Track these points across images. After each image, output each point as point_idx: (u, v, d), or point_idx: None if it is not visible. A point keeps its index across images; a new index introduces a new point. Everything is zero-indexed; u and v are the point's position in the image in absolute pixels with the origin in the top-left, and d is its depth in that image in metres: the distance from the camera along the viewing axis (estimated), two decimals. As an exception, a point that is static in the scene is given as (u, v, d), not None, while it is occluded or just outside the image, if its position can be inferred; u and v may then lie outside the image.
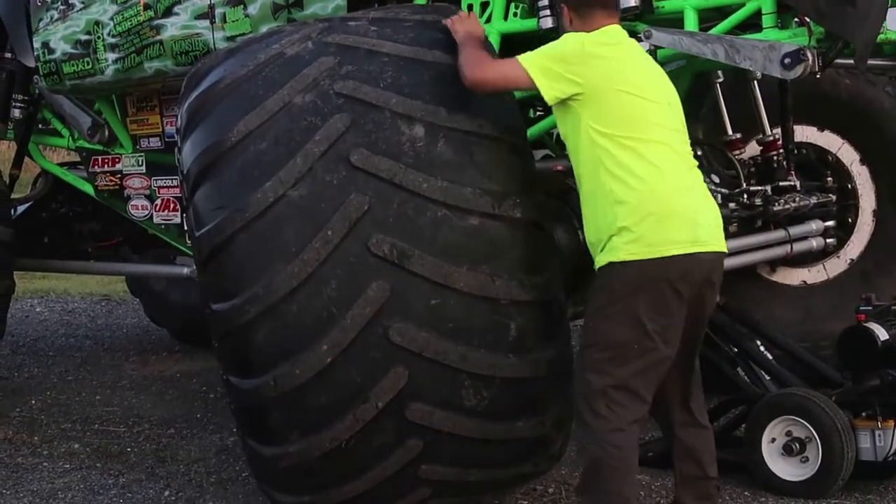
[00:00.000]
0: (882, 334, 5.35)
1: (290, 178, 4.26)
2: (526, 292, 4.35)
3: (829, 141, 6.73)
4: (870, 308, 5.51)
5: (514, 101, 4.94)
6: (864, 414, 5.23)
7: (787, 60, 5.05)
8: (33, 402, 7.75)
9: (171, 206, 7.29)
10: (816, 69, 5.09)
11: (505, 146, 4.49)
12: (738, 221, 6.05)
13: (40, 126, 8.12)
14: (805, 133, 6.71)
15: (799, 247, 6.34)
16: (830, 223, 6.51)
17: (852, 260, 6.69)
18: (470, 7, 6.11)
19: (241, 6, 6.31)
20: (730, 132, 6.58)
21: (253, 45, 4.79)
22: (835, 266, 6.69)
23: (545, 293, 4.43)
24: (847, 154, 6.67)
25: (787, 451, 5.22)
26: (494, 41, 5.61)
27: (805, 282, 6.76)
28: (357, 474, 4.38)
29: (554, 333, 4.49)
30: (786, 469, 5.23)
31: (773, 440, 5.25)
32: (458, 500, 4.84)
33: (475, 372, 4.28)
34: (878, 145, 6.63)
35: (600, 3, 4.66)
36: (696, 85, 6.66)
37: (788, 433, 5.21)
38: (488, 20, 5.81)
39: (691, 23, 5.52)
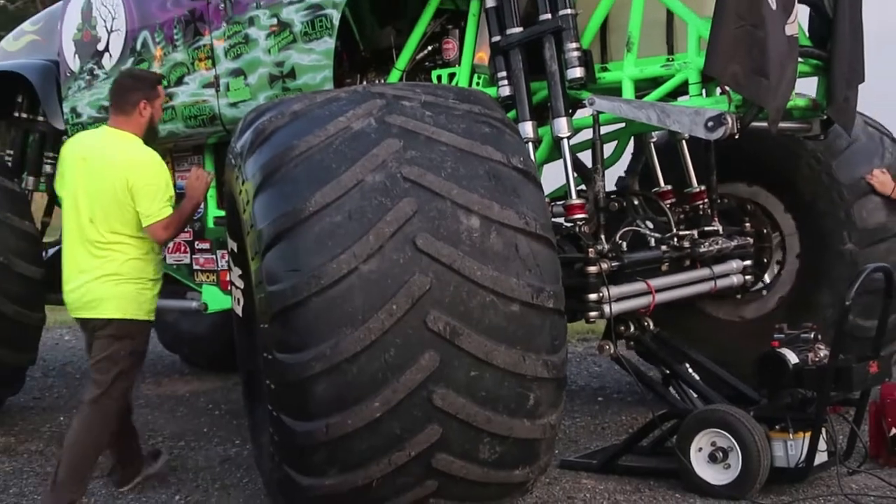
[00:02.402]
0: (793, 358, 5.35)
1: (362, 253, 4.17)
2: (547, 371, 4.36)
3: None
4: (782, 336, 5.53)
5: (547, 201, 4.94)
6: (777, 427, 5.23)
7: (710, 123, 5.09)
8: (62, 418, 7.68)
9: (182, 248, 7.29)
10: (735, 131, 5.13)
11: (543, 243, 4.45)
12: (669, 261, 6.04)
13: (69, 179, 8.12)
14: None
15: (722, 283, 6.34)
16: (748, 262, 6.51)
17: (782, 297, 6.64)
18: (439, 78, 6.18)
19: (243, 76, 6.35)
20: (662, 184, 6.59)
21: (317, 112, 4.61)
22: (767, 303, 6.68)
23: (560, 371, 4.45)
24: (773, 203, 6.67)
25: (712, 459, 5.21)
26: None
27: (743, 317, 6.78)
28: (374, 456, 4.31)
29: (558, 402, 4.51)
30: (711, 474, 5.21)
31: (700, 449, 5.24)
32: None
33: (495, 432, 4.31)
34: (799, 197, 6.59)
35: None
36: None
37: (713, 443, 5.21)
38: (456, 88, 5.82)
39: (628, 91, 5.57)
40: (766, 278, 6.69)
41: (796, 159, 6.45)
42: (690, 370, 5.92)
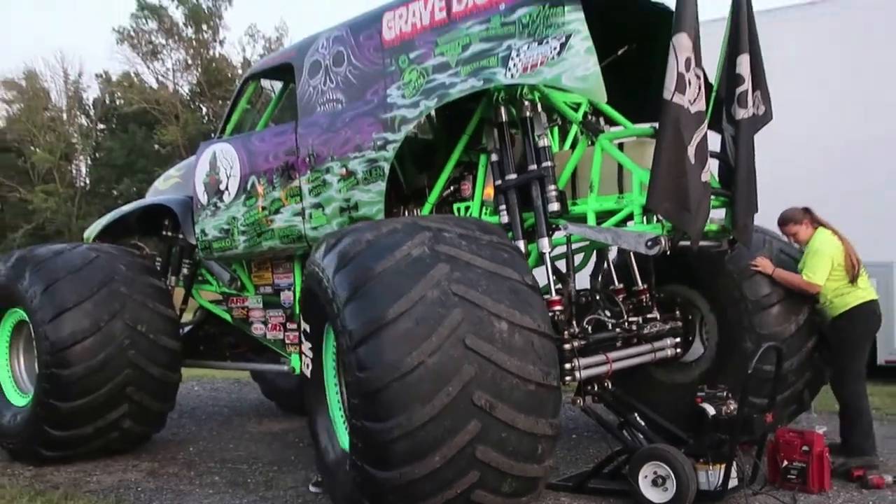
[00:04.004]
0: (711, 410, 5.33)
1: (428, 349, 4.20)
2: (551, 429, 4.46)
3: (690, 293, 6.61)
4: (703, 394, 5.50)
5: (548, 309, 4.98)
6: (701, 460, 5.18)
7: (649, 243, 5.10)
8: (191, 448, 7.69)
9: (278, 328, 7.32)
10: (667, 249, 5.14)
11: (548, 339, 4.53)
12: (621, 340, 6.01)
13: (198, 278, 8.20)
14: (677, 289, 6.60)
15: (660, 355, 6.27)
16: (678, 339, 6.44)
17: (702, 372, 6.44)
18: (458, 210, 6.24)
19: (322, 208, 6.42)
20: (616, 283, 6.57)
21: (384, 241, 4.61)
22: (693, 371, 6.52)
23: (557, 429, 4.54)
24: (702, 304, 6.54)
25: (654, 483, 5.16)
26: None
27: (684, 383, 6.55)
28: (431, 494, 4.35)
29: (553, 450, 4.57)
30: (653, 495, 5.15)
31: (646, 476, 5.19)
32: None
33: (515, 475, 4.40)
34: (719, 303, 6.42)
35: None
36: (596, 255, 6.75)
37: (655, 472, 5.16)
38: (470, 217, 5.86)
39: (591, 219, 5.60)
40: (693, 352, 6.57)
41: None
42: (638, 418, 5.85)
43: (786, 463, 5.60)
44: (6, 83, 43.93)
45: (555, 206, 5.64)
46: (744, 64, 5.50)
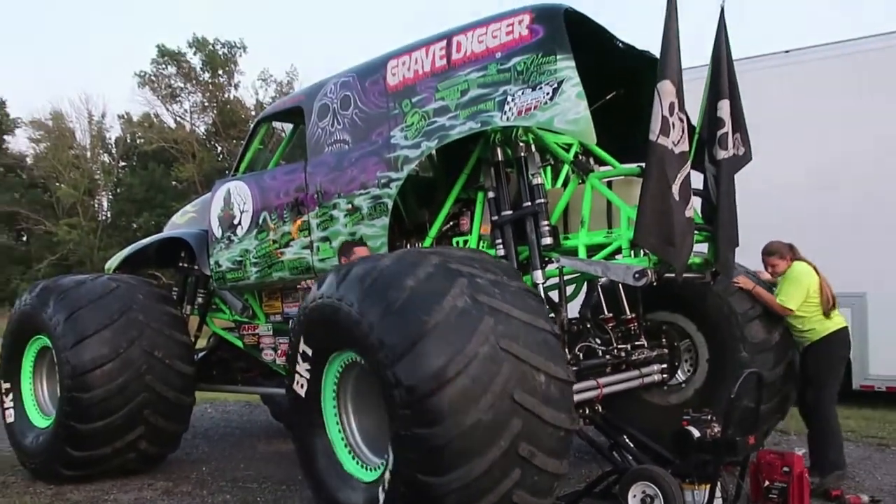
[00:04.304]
0: (696, 433, 5.28)
1: (485, 406, 4.17)
2: (566, 468, 4.54)
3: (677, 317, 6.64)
4: (689, 417, 5.46)
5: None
6: (687, 480, 5.13)
7: (636, 275, 5.10)
8: (204, 468, 7.61)
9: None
10: (654, 280, 5.14)
11: (571, 385, 4.57)
12: (611, 366, 5.99)
13: (212, 307, 8.17)
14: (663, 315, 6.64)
15: (647, 380, 6.26)
16: (665, 365, 6.44)
17: (697, 389, 6.51)
18: (457, 243, 6.23)
19: (328, 242, 6.43)
20: (606, 312, 6.55)
21: (426, 288, 4.43)
22: (686, 393, 6.55)
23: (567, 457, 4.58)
24: (689, 326, 6.59)
25: (643, 502, 5.10)
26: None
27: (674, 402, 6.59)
28: None
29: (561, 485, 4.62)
30: (642, 514, 5.12)
31: (635, 496, 5.13)
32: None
33: None
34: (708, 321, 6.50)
35: None
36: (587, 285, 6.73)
37: (643, 492, 5.10)
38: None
39: (582, 253, 5.60)
40: (680, 376, 6.57)
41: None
42: (627, 440, 5.82)
43: (767, 483, 5.55)
44: (34, 123, 44.14)
45: (548, 240, 5.65)
46: (724, 108, 5.54)
